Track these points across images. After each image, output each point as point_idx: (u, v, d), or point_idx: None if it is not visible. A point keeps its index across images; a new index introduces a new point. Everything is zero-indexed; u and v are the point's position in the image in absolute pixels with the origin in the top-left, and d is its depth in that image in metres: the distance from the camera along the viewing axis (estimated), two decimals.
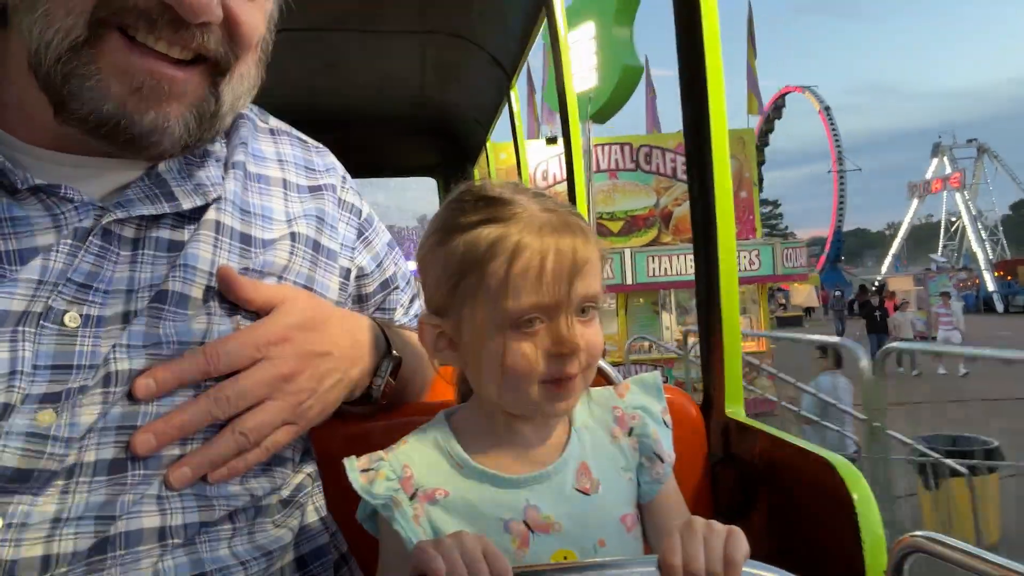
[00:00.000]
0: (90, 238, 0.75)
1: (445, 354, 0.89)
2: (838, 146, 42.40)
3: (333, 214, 0.99)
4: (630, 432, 0.93)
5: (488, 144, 3.91)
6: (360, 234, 1.04)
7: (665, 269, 12.99)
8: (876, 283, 41.38)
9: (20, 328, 0.70)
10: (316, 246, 0.95)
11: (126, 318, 0.76)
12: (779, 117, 46.83)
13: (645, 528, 0.92)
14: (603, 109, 12.72)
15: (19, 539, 0.68)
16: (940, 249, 46.73)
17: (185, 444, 0.78)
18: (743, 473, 1.19)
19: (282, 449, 0.87)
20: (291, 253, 0.91)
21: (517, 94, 3.09)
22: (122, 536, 0.73)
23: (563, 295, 0.81)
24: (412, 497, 0.84)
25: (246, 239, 0.87)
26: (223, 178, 0.88)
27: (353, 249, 1.03)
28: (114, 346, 0.74)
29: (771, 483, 1.14)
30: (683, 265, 12.49)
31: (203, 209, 0.84)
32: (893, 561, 0.84)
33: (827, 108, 42.85)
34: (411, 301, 1.16)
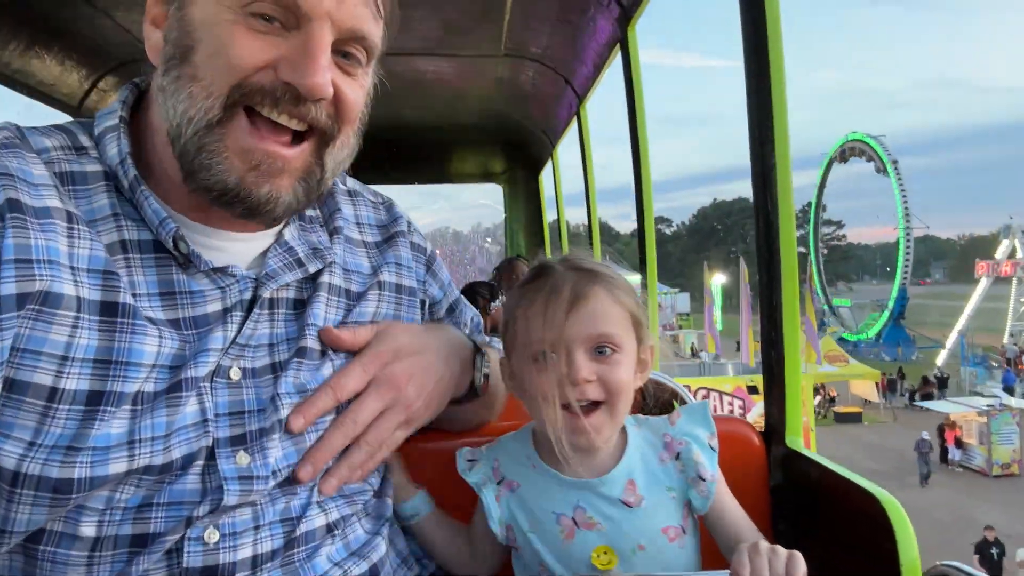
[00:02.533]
0: (255, 309, 0.94)
1: (512, 385, 1.13)
2: (905, 204, 41.37)
3: (407, 256, 1.18)
4: (677, 456, 1.10)
5: (555, 155, 4.10)
6: (428, 268, 1.23)
7: None
8: (943, 359, 39.25)
9: (204, 384, 0.88)
10: (398, 288, 1.14)
11: (273, 369, 0.95)
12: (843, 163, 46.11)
13: (712, 533, 1.10)
14: None
15: (235, 545, 0.88)
16: (1007, 334, 44.91)
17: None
18: (800, 498, 1.29)
19: None
20: (378, 300, 1.11)
21: (587, 116, 3.24)
22: (303, 535, 0.95)
23: (561, 334, 1.02)
24: (500, 482, 1.13)
25: (347, 294, 1.08)
26: (331, 243, 1.08)
27: (424, 283, 1.21)
28: (276, 395, 0.93)
29: (824, 509, 1.24)
30: None
31: (319, 271, 1.03)
32: None
33: (895, 162, 41.95)
34: (471, 319, 1.32)
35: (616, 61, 2.49)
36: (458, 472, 1.14)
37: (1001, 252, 44.97)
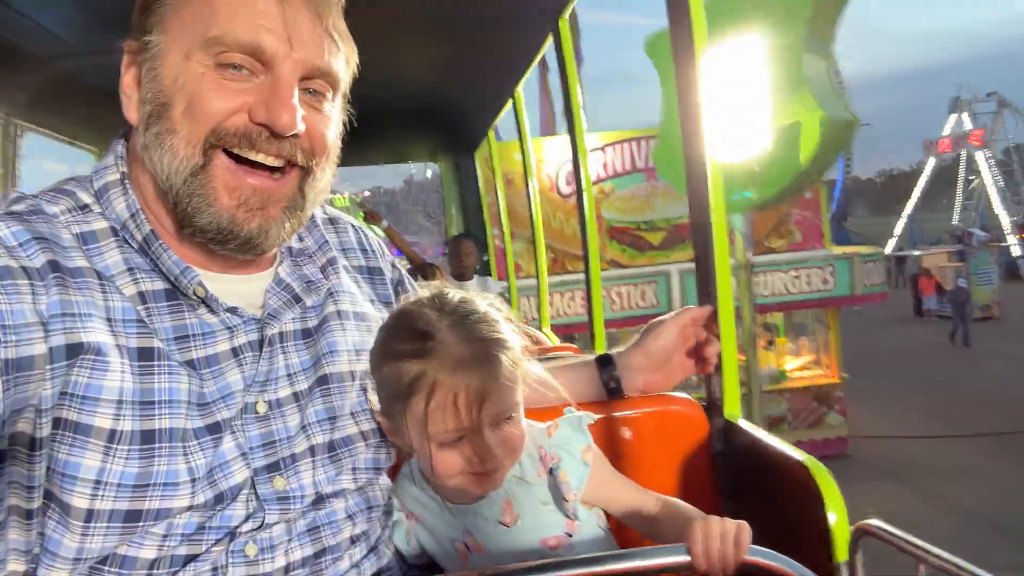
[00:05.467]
0: (265, 347, 1.04)
1: (397, 442, 1.13)
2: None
3: (388, 293, 1.30)
4: (550, 471, 1.17)
5: (491, 135, 4.26)
6: (396, 295, 1.32)
7: None
8: (891, 246, 40.33)
9: (235, 423, 1.00)
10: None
11: (296, 398, 1.06)
12: None
13: (614, 513, 1.21)
14: (777, 194, 7.20)
15: (272, 556, 1.00)
16: (957, 210, 46.35)
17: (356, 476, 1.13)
18: (738, 465, 1.48)
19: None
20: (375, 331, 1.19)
21: (521, 97, 3.41)
22: (331, 546, 1.07)
23: (473, 422, 1.03)
24: (408, 516, 1.21)
25: (360, 316, 1.18)
26: (329, 274, 1.17)
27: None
28: (307, 424, 1.06)
29: (760, 475, 1.41)
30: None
31: (322, 303, 1.13)
32: (851, 542, 1.14)
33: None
34: None
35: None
36: None
37: (949, 128, 45.63)
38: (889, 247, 39.56)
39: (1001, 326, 21.22)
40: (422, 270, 4.55)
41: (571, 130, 2.59)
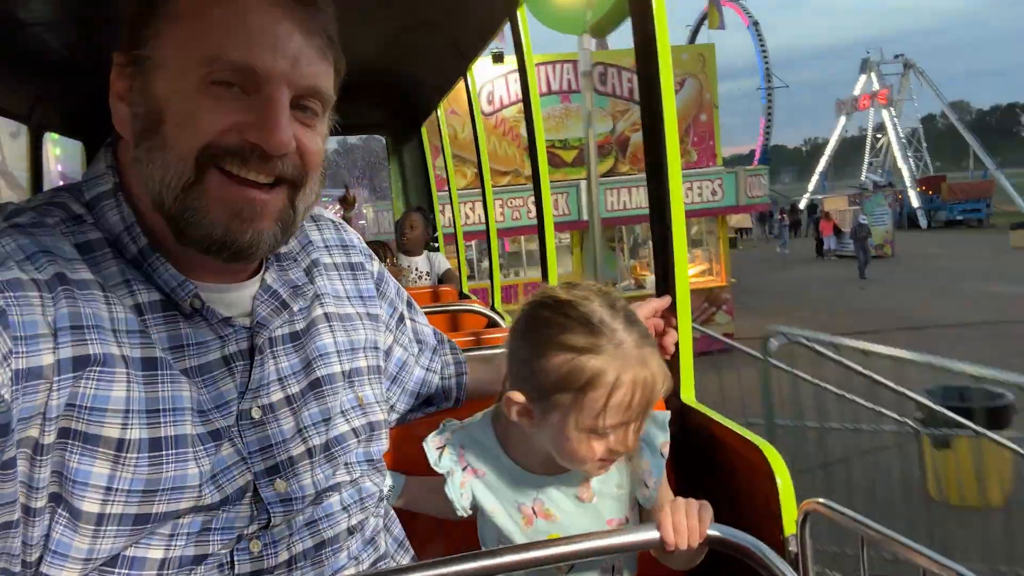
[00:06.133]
0: (256, 355, 1.06)
1: (523, 422, 1.16)
2: (766, 62, 42.62)
3: (370, 287, 1.32)
4: (629, 459, 1.24)
5: (440, 111, 4.21)
6: (378, 289, 1.35)
7: (624, 203, 12.36)
8: (805, 200, 42.92)
9: (232, 429, 1.01)
10: (370, 316, 1.28)
11: (288, 401, 1.08)
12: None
13: (643, 515, 1.28)
14: (605, 19, 10.37)
15: (275, 552, 1.04)
16: (865, 166, 48.72)
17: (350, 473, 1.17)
18: (694, 446, 1.57)
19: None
20: (363, 327, 1.24)
21: (474, 76, 3.40)
22: (330, 538, 1.11)
23: (637, 416, 1.12)
24: (464, 469, 1.24)
25: (347, 316, 1.21)
26: (313, 276, 1.19)
27: (379, 305, 1.33)
28: (303, 428, 1.08)
29: (714, 455, 1.51)
30: (643, 198, 10.96)
31: (308, 306, 1.15)
32: (798, 519, 1.26)
33: (756, 23, 42.87)
34: (409, 306, 1.45)
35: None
36: (430, 464, 1.27)
37: (858, 88, 47.75)
38: (803, 202, 41.80)
39: (891, 262, 24.85)
40: (372, 248, 4.53)
41: (529, 124, 2.64)
